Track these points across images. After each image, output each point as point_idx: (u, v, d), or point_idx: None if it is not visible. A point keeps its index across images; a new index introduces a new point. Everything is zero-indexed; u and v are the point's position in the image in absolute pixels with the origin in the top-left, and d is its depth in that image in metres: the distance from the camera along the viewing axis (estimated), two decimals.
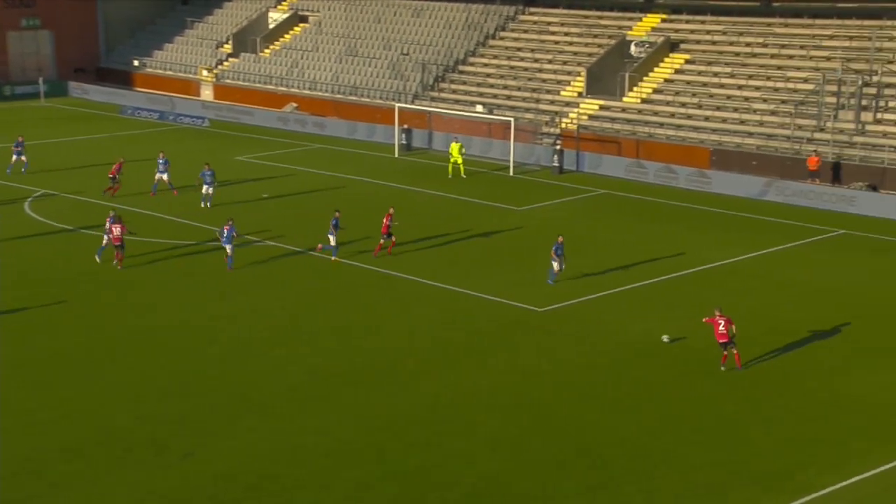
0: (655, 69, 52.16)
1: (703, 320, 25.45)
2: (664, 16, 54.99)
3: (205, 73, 66.85)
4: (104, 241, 32.44)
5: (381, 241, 33.39)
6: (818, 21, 50.48)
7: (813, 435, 21.59)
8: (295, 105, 61.48)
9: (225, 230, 32.01)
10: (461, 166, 45.82)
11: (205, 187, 39.11)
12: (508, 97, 54.70)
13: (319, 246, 33.28)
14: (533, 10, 60.02)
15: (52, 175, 45.23)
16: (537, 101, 53.43)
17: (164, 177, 41.08)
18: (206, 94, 66.40)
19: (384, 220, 33.48)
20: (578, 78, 53.50)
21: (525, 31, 58.87)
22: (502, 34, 59.52)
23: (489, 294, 30.10)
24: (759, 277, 31.62)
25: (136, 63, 70.90)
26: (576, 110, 51.51)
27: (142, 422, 22.04)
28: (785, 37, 50.68)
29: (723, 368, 24.90)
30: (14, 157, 45.23)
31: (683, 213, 39.97)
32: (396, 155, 50.91)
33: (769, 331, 27.50)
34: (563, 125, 50.86)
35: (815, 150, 43.50)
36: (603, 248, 35.04)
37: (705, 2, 53.92)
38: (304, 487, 19.51)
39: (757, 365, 25.20)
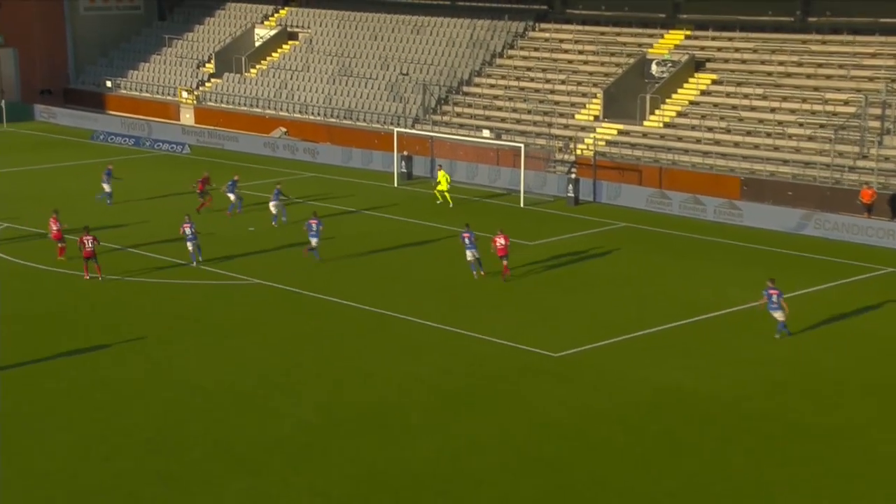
0: (679, 90, 52.29)
1: None
2: (688, 32, 55.21)
3: (185, 95, 67.14)
4: (189, 247, 36.85)
5: (505, 262, 35.14)
6: (859, 38, 50.66)
7: (855, 501, 21.36)
8: (284, 130, 61.63)
9: (312, 224, 36.63)
10: (447, 194, 46.13)
11: (272, 205, 42.66)
12: (518, 121, 54.79)
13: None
14: (544, 25, 60.32)
15: (17, 205, 45.35)
16: (549, 125, 53.52)
17: (231, 196, 44.47)
18: (187, 117, 66.64)
19: (496, 244, 34.94)
20: (594, 100, 53.61)
21: (536, 49, 59.12)
22: (511, 52, 59.75)
23: (499, 337, 29.99)
24: (796, 321, 31.47)
25: (108, 84, 71.21)
26: (592, 135, 51.59)
27: (117, 481, 21.81)
28: (822, 55, 50.87)
29: None
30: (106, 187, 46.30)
31: (711, 249, 39.92)
32: (396, 184, 50.95)
33: (806, 382, 27.31)
34: (579, 152, 50.92)
35: (866, 183, 43.26)
36: (623, 287, 34.95)
37: (734, 17, 54.19)
38: None
39: (793, 420, 25.01)
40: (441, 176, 46.99)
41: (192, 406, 25.39)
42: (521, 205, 46.91)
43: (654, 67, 53.17)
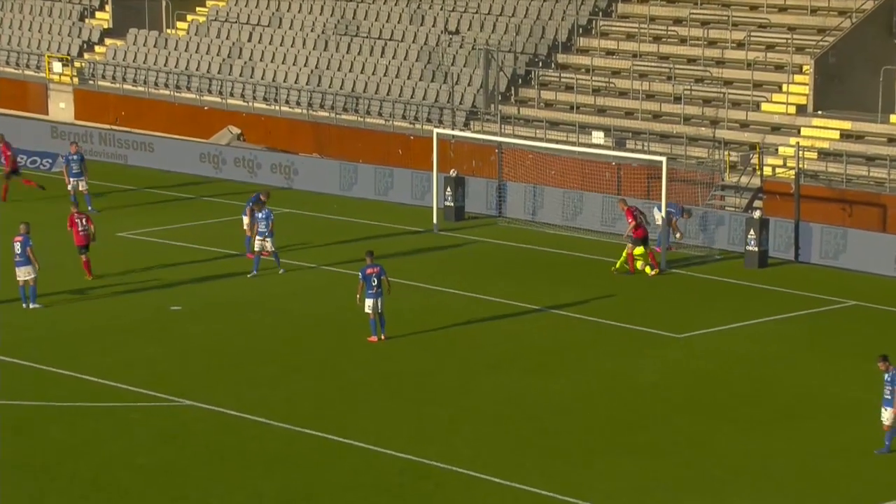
0: None
1: None
2: None
3: (57, 66, 67.46)
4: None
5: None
6: None
7: None
8: (237, 131, 61.63)
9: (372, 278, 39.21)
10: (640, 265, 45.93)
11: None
12: (655, 116, 54.58)
13: None
14: None
15: None
16: (714, 123, 53.25)
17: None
18: (61, 108, 66.88)
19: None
20: (799, 77, 53.29)
21: None
22: None
23: None
24: None
25: None
26: (793, 141, 51.16)
27: None
28: None
29: None
30: (77, 184, 52.49)
31: None
32: (436, 227, 50.86)
33: None
34: (767, 171, 50.57)
35: None
36: (852, 419, 34.40)
37: None
38: None
39: None
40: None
41: None
42: (662, 265, 46.62)
43: None
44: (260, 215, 44.93)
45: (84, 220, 44.39)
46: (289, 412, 34.47)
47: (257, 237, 44.94)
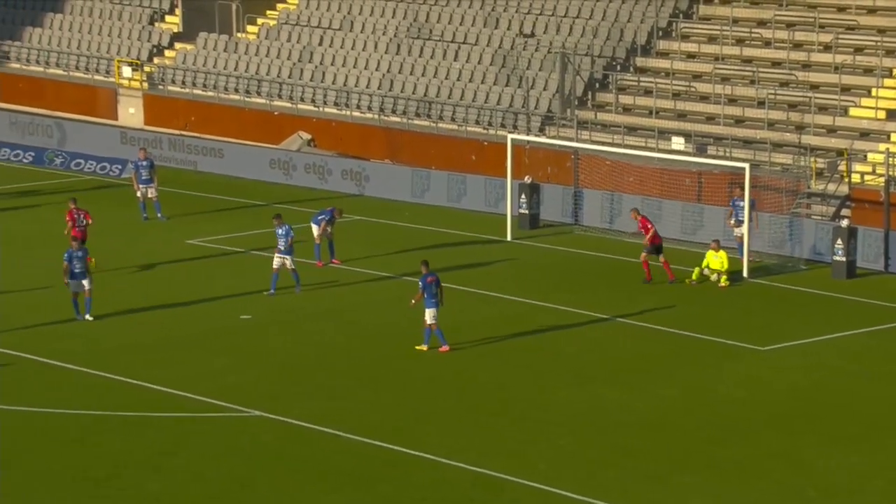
0: None
1: None
2: None
3: (127, 72, 67.70)
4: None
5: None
6: None
7: None
8: (307, 137, 61.67)
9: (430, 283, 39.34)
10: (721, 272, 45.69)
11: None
12: (738, 121, 54.22)
13: None
14: None
15: None
16: (800, 128, 52.90)
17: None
18: (131, 113, 67.11)
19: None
20: (889, 80, 52.93)
21: None
22: None
23: None
24: None
25: None
26: (882, 147, 50.74)
27: None
28: None
29: None
30: (146, 191, 53.46)
31: None
32: (510, 237, 50.72)
33: None
34: (856, 178, 50.17)
35: None
36: None
37: None
38: None
39: None
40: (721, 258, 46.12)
41: None
42: (745, 273, 46.33)
43: None
44: (280, 231, 43.98)
45: (82, 216, 46.14)
46: (359, 423, 34.38)
47: (276, 254, 44.13)
